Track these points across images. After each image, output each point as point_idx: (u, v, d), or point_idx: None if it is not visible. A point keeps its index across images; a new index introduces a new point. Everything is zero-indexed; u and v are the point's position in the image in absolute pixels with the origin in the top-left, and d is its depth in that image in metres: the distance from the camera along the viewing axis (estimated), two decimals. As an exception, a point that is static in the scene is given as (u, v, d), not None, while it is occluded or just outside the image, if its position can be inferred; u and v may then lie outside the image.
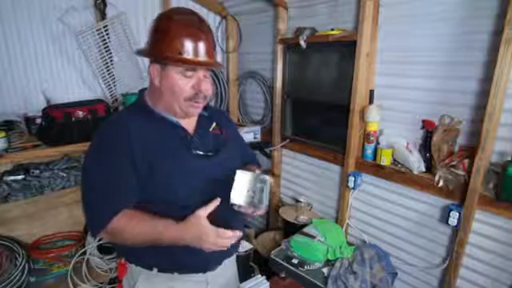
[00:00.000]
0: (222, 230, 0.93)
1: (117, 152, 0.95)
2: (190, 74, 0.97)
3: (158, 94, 1.02)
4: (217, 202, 0.94)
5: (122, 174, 0.94)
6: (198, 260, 1.07)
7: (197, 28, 0.97)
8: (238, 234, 0.95)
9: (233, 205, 0.96)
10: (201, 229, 0.91)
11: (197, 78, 0.99)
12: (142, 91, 1.12)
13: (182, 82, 0.97)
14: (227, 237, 0.94)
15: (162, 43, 0.95)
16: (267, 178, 0.96)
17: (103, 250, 2.11)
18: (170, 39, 0.94)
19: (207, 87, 1.01)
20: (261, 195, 0.95)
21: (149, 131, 1.00)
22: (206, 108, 1.14)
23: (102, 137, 1.00)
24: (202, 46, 0.96)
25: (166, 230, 0.92)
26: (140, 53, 1.03)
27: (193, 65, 0.96)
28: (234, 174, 0.96)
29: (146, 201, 0.96)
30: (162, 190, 0.98)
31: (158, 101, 1.03)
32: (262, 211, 0.98)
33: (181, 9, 1.02)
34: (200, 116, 1.12)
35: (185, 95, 0.98)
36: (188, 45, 0.94)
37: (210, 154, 1.06)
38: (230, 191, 0.95)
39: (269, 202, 1.01)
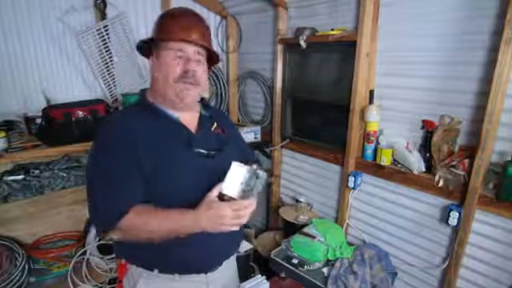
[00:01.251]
0: (235, 203, 0.92)
1: (122, 150, 0.95)
2: (179, 53, 1.00)
3: (155, 84, 1.05)
4: (220, 187, 0.94)
5: (128, 172, 0.95)
6: (199, 261, 1.07)
7: (188, 15, 1.03)
8: (253, 202, 0.94)
9: (223, 195, 0.94)
10: (215, 209, 0.90)
11: (185, 58, 1.01)
12: (143, 90, 1.13)
13: (172, 63, 1.00)
14: (243, 208, 0.92)
15: (156, 31, 1.03)
16: (262, 172, 0.95)
17: (103, 250, 2.11)
18: (162, 26, 1.02)
19: (196, 68, 1.02)
20: (254, 190, 0.94)
21: (151, 129, 1.00)
22: (206, 108, 1.14)
23: (105, 136, 1.01)
24: (192, 29, 1.00)
25: (180, 220, 0.92)
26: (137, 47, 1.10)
27: (180, 41, 0.99)
28: (230, 165, 0.94)
29: (148, 199, 0.96)
30: (163, 187, 0.98)
31: (156, 92, 1.06)
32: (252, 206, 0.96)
33: (179, 7, 1.08)
34: (201, 116, 1.13)
35: (174, 75, 1.00)
36: (178, 27, 0.99)
37: (211, 152, 1.06)
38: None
39: (268, 201, 1.01)
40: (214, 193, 0.93)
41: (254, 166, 0.97)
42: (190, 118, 1.09)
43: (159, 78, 1.02)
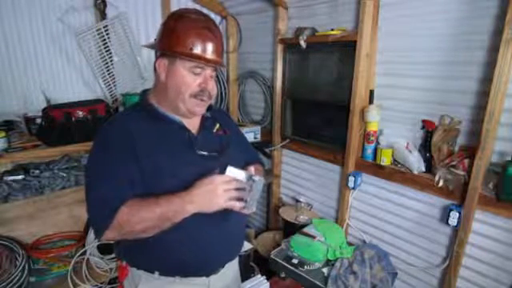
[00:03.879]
0: (227, 176, 0.93)
1: (120, 150, 0.95)
2: (198, 71, 0.99)
3: (163, 91, 1.02)
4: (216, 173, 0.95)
5: (125, 171, 0.94)
6: (201, 264, 1.07)
7: (208, 28, 0.99)
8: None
9: None
10: (207, 181, 0.91)
11: (204, 75, 1.00)
12: (144, 91, 1.12)
13: (190, 79, 0.98)
14: (233, 182, 0.92)
15: (174, 39, 0.96)
16: (258, 178, 0.94)
17: (103, 250, 2.11)
18: (180, 36, 0.96)
19: (213, 86, 1.03)
20: (250, 195, 0.93)
21: (152, 131, 1.00)
22: (209, 109, 1.13)
23: (104, 136, 1.00)
24: (211, 44, 0.98)
25: (171, 199, 0.91)
26: (151, 46, 1.05)
27: (203, 61, 0.97)
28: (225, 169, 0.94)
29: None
30: (164, 189, 0.96)
31: (162, 98, 1.04)
32: (248, 211, 0.96)
33: (191, 9, 1.04)
34: (203, 117, 1.12)
35: (191, 92, 0.99)
36: (198, 42, 0.96)
37: (213, 154, 1.06)
38: None
39: (268, 201, 1.00)
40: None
41: (252, 170, 0.97)
42: (191, 120, 1.08)
43: (171, 87, 1.00)
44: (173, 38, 0.97)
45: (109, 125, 1.03)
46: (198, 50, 0.96)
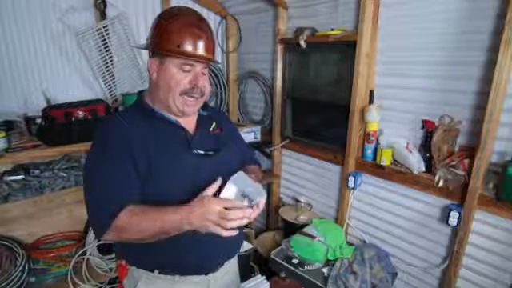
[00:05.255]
0: (229, 201, 0.88)
1: (117, 150, 0.95)
2: (187, 68, 0.98)
3: (156, 90, 1.02)
4: (218, 183, 0.92)
5: (121, 172, 0.94)
6: (200, 263, 1.07)
7: (197, 26, 0.98)
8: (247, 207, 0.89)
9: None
10: (206, 203, 0.87)
11: (194, 72, 1.00)
12: (141, 92, 1.12)
13: (179, 76, 0.98)
14: (235, 208, 0.87)
15: (163, 38, 0.96)
16: (259, 198, 0.92)
17: (103, 250, 2.11)
18: (170, 34, 0.95)
19: (204, 83, 1.02)
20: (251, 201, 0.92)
21: (148, 130, 1.00)
22: (205, 108, 1.14)
23: (102, 136, 1.00)
24: (201, 42, 0.97)
25: (171, 216, 0.89)
26: (142, 47, 1.06)
27: (191, 58, 0.97)
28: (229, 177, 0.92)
29: (146, 199, 0.96)
30: (161, 188, 0.97)
31: (156, 98, 1.04)
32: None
33: (182, 7, 1.04)
34: (199, 116, 1.13)
35: (181, 89, 0.98)
36: (188, 40, 0.96)
37: (209, 152, 1.06)
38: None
39: (268, 201, 0.99)
40: (209, 192, 0.91)
41: (253, 180, 0.95)
42: (187, 119, 1.08)
43: (162, 86, 0.99)
44: (163, 36, 0.96)
45: (106, 125, 1.03)
46: (187, 47, 0.96)
